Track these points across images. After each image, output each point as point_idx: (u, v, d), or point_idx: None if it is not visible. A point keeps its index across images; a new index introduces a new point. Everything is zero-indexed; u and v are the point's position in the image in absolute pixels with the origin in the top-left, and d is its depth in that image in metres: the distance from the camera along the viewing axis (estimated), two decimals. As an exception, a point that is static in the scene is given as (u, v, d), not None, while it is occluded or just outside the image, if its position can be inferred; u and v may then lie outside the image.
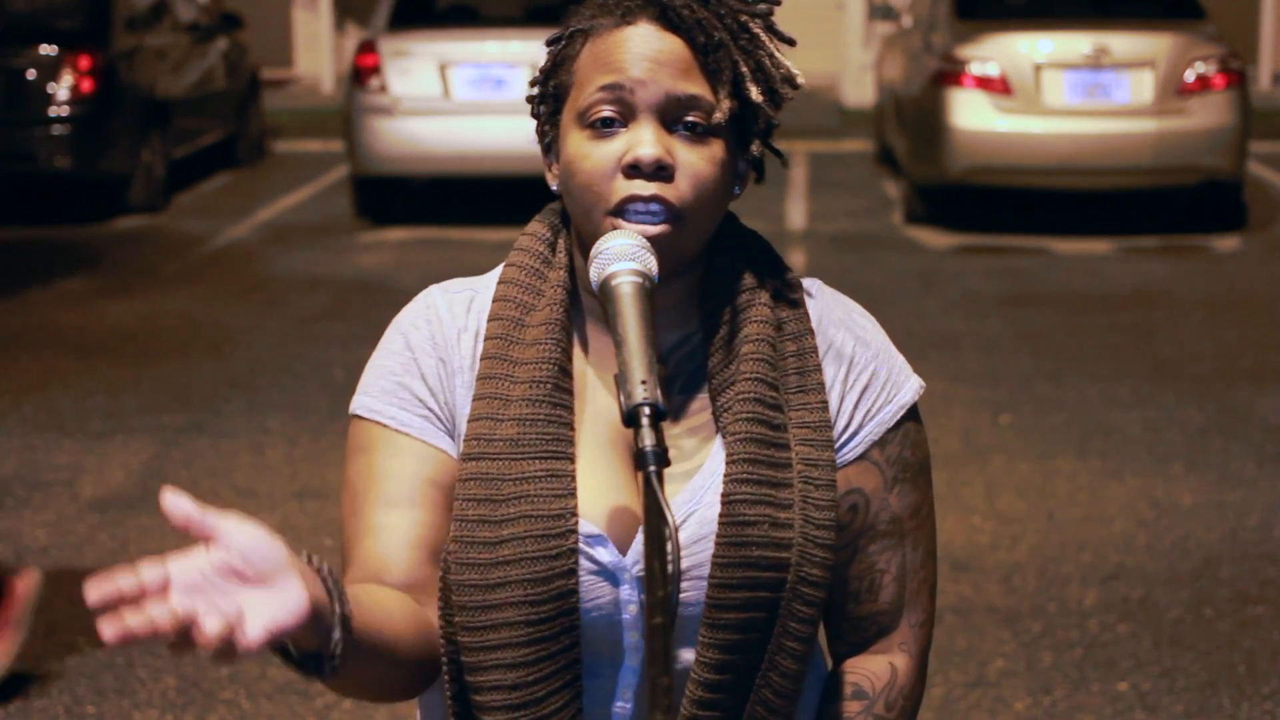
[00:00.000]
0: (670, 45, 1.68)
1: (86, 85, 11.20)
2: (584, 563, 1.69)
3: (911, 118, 11.29)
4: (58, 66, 11.20)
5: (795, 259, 9.84)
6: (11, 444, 6.36)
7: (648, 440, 1.49)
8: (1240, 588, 4.91)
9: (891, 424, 1.78)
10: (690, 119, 1.68)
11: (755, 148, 1.75)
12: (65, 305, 8.81)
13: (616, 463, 1.73)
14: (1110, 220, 10.99)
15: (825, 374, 1.77)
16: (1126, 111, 10.48)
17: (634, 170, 1.66)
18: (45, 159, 11.26)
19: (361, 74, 10.96)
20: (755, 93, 1.70)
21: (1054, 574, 5.02)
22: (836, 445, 1.76)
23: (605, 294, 1.61)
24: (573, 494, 1.69)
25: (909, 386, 1.80)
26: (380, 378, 1.77)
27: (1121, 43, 10.51)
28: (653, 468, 1.47)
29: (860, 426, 1.77)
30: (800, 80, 1.75)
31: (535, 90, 1.78)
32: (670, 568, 1.48)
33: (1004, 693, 4.27)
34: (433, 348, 1.77)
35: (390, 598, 1.67)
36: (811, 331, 1.77)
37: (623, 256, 1.62)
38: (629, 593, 1.70)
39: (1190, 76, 10.43)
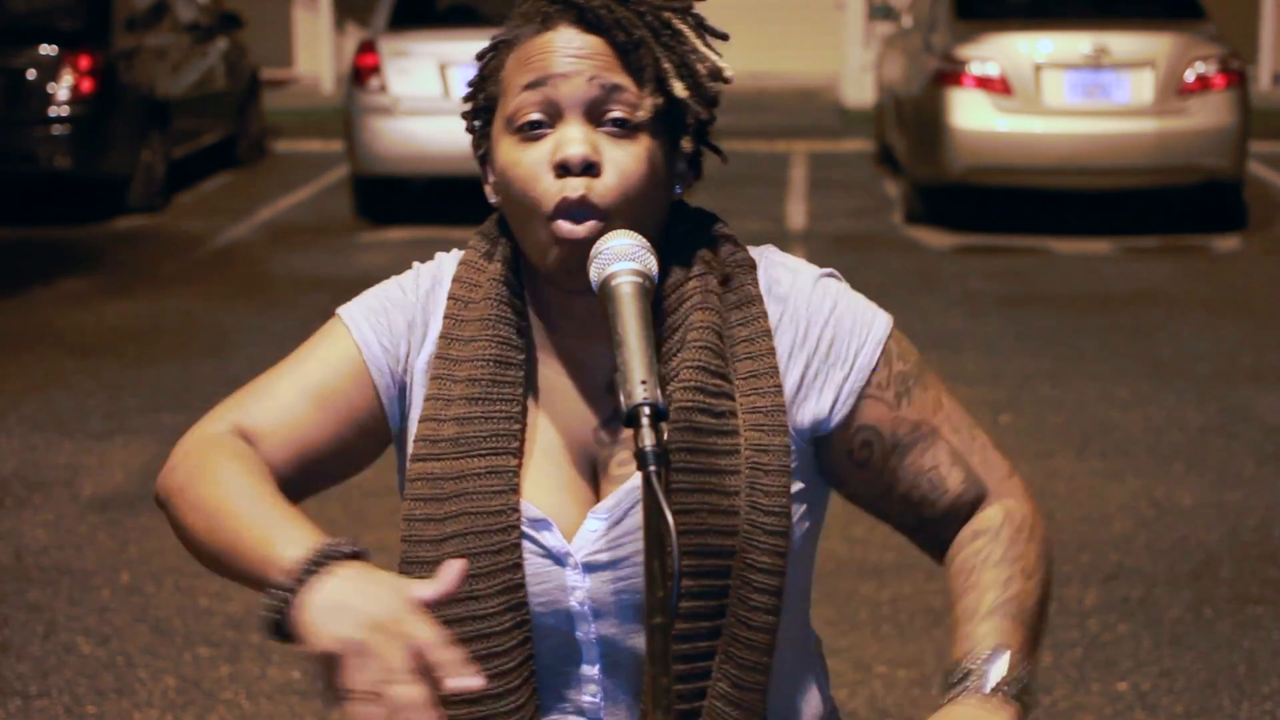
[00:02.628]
0: (592, 43, 1.69)
1: (86, 85, 11.20)
2: (530, 546, 1.70)
3: (911, 118, 11.29)
4: (58, 66, 11.20)
5: (795, 259, 9.84)
6: (11, 444, 6.36)
7: (648, 440, 1.48)
8: (1240, 588, 4.91)
9: (874, 363, 1.76)
10: (616, 114, 1.68)
11: (687, 144, 1.74)
12: (65, 305, 8.81)
13: (567, 460, 1.74)
14: (1110, 220, 10.99)
15: (780, 342, 1.75)
16: (1126, 111, 10.48)
17: (563, 169, 1.66)
18: (45, 159, 11.26)
19: (361, 74, 10.97)
20: (680, 88, 1.70)
21: (1054, 574, 5.01)
22: (831, 407, 1.74)
23: (605, 294, 1.61)
24: (515, 490, 1.70)
25: (879, 324, 1.78)
26: (373, 297, 1.84)
27: (1121, 43, 10.51)
28: (653, 467, 1.47)
29: (844, 380, 1.75)
30: (728, 74, 1.74)
31: (468, 105, 1.78)
32: (670, 567, 1.48)
33: (1004, 693, 4.27)
34: (421, 304, 1.81)
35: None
36: (765, 315, 1.75)
37: (623, 256, 1.62)
38: (575, 578, 1.70)
39: (1190, 76, 10.43)
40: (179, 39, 12.84)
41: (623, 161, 1.67)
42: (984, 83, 10.49)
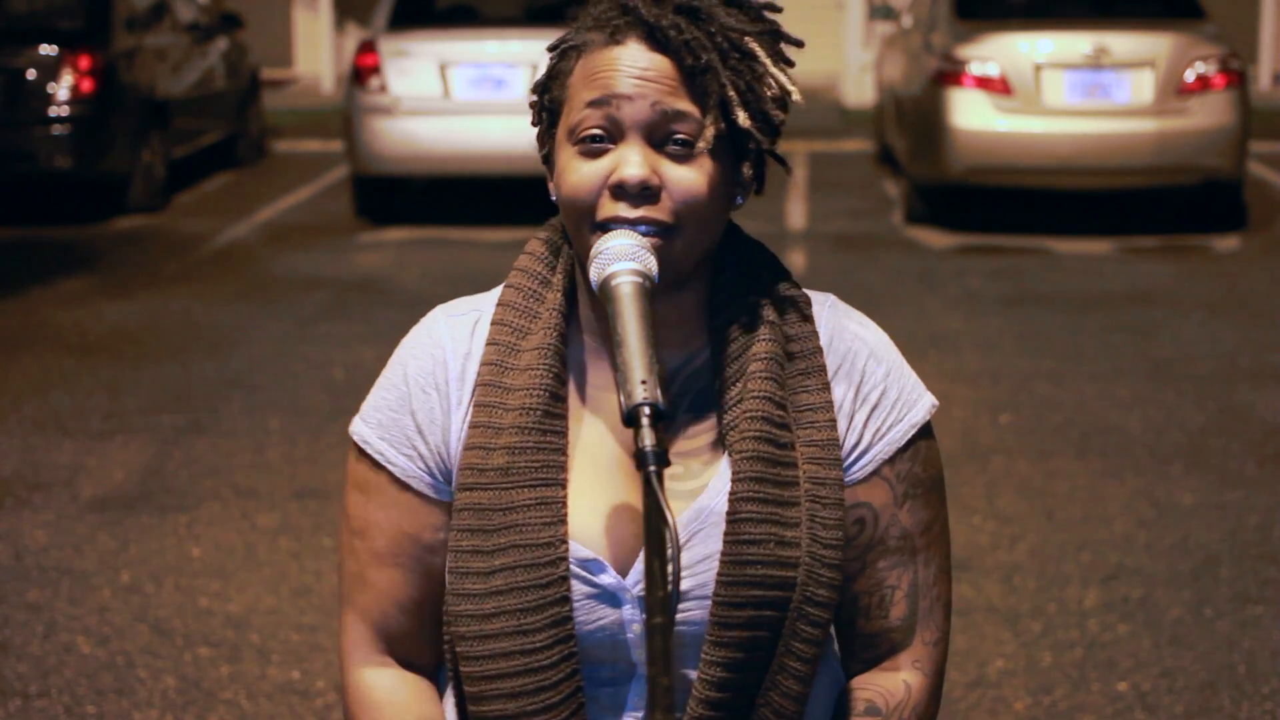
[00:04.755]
0: (658, 63, 1.67)
1: (86, 85, 11.20)
2: (583, 587, 1.69)
3: (911, 118, 11.29)
4: (58, 66, 11.20)
5: (795, 259, 9.84)
6: (11, 444, 6.36)
7: (647, 440, 1.48)
8: (1240, 588, 4.90)
9: (902, 443, 1.76)
10: (679, 136, 1.66)
11: (747, 169, 1.73)
12: (65, 305, 8.80)
13: (616, 485, 1.72)
14: (1110, 220, 10.99)
15: (835, 393, 1.75)
16: (1126, 111, 10.48)
17: (620, 191, 1.65)
18: (45, 159, 11.26)
19: (361, 74, 10.97)
20: (743, 118, 1.68)
21: (1054, 574, 5.02)
22: (846, 463, 1.75)
23: (605, 294, 1.61)
24: (563, 521, 1.69)
25: (921, 405, 1.78)
26: (378, 409, 1.79)
27: (1121, 43, 10.51)
28: (652, 467, 1.47)
29: (870, 445, 1.76)
30: (795, 98, 1.73)
31: (534, 100, 1.78)
32: (670, 566, 1.48)
33: (1004, 693, 4.27)
34: (432, 383, 1.76)
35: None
36: (821, 350, 1.76)
37: (623, 256, 1.62)
38: (631, 613, 1.70)
39: (1190, 76, 10.43)
40: (179, 39, 12.84)
41: (684, 181, 1.66)
42: (984, 83, 10.49)
